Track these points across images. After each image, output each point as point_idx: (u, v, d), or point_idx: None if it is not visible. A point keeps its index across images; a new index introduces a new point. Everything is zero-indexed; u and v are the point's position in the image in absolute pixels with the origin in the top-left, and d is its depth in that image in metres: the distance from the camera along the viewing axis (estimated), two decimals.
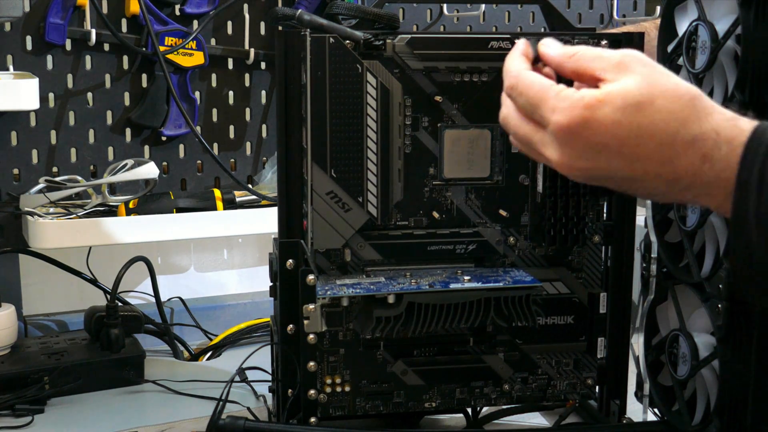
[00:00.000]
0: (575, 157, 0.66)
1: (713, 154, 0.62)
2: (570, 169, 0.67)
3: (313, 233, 0.84)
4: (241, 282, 1.39)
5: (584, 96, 0.64)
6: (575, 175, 0.67)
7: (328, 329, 0.87)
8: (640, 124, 0.63)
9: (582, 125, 0.64)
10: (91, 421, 0.98)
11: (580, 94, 0.64)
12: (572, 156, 0.66)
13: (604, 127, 0.64)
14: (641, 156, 0.63)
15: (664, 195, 0.67)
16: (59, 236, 1.10)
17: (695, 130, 0.62)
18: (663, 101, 0.63)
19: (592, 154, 0.65)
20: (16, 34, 1.15)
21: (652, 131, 0.63)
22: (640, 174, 0.64)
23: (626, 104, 0.63)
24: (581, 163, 0.66)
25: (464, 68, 0.85)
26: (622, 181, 0.66)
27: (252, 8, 1.27)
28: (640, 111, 0.63)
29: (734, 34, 0.76)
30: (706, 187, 0.63)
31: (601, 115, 0.63)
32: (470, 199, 0.87)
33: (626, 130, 0.63)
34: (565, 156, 0.66)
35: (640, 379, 0.92)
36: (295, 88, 0.84)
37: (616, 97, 0.64)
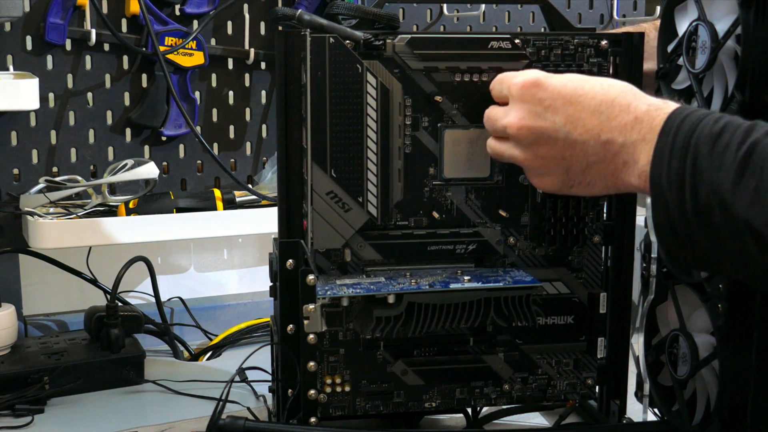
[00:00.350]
0: (526, 113, 0.76)
1: (644, 117, 0.71)
2: (519, 129, 0.76)
3: (313, 233, 0.84)
4: (241, 282, 1.39)
5: (540, 70, 0.78)
6: (524, 137, 0.76)
7: (328, 329, 0.87)
8: (584, 87, 0.74)
9: (534, 84, 0.75)
10: (91, 421, 0.98)
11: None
12: (523, 113, 0.76)
13: (552, 88, 0.75)
14: (583, 114, 0.73)
15: (597, 165, 0.73)
16: (59, 236, 1.10)
17: (630, 99, 0.72)
18: (604, 79, 0.76)
19: (541, 110, 0.75)
20: (16, 34, 1.15)
21: (593, 94, 0.73)
22: (580, 132, 0.73)
23: (573, 76, 0.76)
24: (530, 120, 0.75)
25: (464, 68, 0.85)
26: (563, 146, 0.74)
27: (252, 8, 1.27)
28: (585, 81, 0.75)
29: (734, 34, 0.76)
30: (633, 148, 0.71)
31: (553, 80, 0.75)
32: (470, 199, 0.87)
33: (571, 90, 0.74)
34: (518, 114, 0.76)
35: (640, 379, 0.92)
36: (295, 88, 0.84)
37: (565, 74, 0.77)
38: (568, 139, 0.74)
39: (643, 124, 0.70)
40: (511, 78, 0.78)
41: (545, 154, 0.76)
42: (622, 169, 0.72)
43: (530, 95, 0.76)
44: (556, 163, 0.76)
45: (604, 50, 0.86)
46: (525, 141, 0.76)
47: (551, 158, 0.76)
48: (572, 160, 0.75)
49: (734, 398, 0.79)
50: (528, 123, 0.76)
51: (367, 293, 0.81)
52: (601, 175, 0.74)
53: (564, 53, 0.86)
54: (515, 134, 0.77)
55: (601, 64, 0.86)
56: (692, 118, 0.68)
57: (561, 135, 0.74)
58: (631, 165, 0.71)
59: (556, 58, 0.86)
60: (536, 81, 0.76)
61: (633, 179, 0.72)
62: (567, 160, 0.75)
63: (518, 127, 0.76)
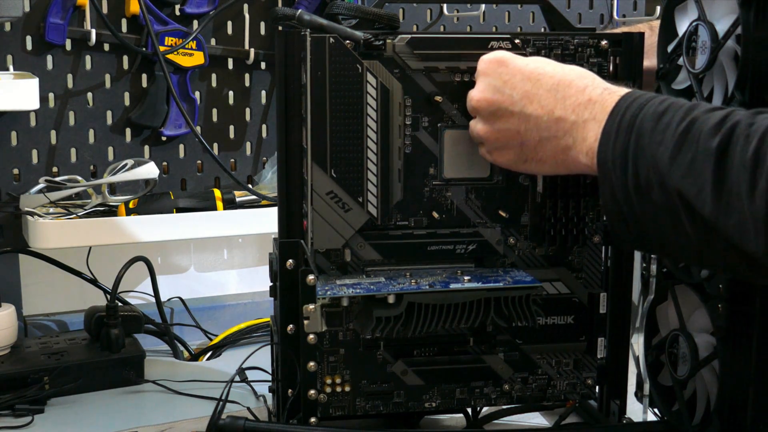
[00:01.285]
0: (486, 86, 0.79)
1: (597, 99, 0.73)
2: (479, 102, 0.79)
3: (313, 233, 0.84)
4: (241, 282, 1.39)
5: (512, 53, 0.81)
6: (483, 108, 0.79)
7: (328, 329, 0.87)
8: (545, 68, 0.78)
9: (499, 61, 0.79)
10: (91, 421, 0.98)
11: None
12: (484, 86, 0.80)
13: (514, 65, 0.79)
14: (540, 91, 0.76)
15: (549, 141, 0.76)
16: (59, 236, 1.10)
17: (588, 82, 0.75)
18: (568, 66, 0.78)
19: (500, 84, 0.78)
20: (16, 34, 1.15)
21: (552, 74, 0.77)
22: (535, 107, 0.76)
23: (538, 59, 0.80)
24: (490, 93, 0.79)
25: (464, 68, 0.85)
26: (518, 119, 0.77)
27: (252, 8, 1.27)
28: (549, 63, 0.78)
29: (734, 34, 0.76)
30: (584, 126, 0.73)
31: (517, 59, 0.79)
32: (470, 199, 0.87)
33: (532, 69, 0.78)
34: (479, 87, 0.80)
35: (640, 379, 0.92)
36: (295, 88, 0.84)
37: (533, 56, 0.81)
38: (522, 113, 0.77)
39: (596, 105, 0.73)
40: (483, 56, 0.81)
41: (501, 127, 0.79)
42: (572, 147, 0.75)
43: (493, 70, 0.79)
44: (512, 137, 0.78)
45: (604, 50, 0.86)
46: (484, 113, 0.80)
47: (507, 131, 0.78)
48: (526, 135, 0.77)
49: (734, 398, 0.79)
50: (487, 95, 0.79)
51: (367, 293, 0.81)
52: (552, 151, 0.77)
53: (564, 53, 0.86)
54: (476, 106, 0.80)
55: (601, 64, 0.86)
56: (640, 100, 0.71)
57: (517, 108, 0.77)
58: (581, 143, 0.74)
59: (556, 58, 0.85)
60: (501, 59, 0.79)
61: (581, 157, 0.74)
62: (521, 135, 0.78)
63: (478, 99, 0.80)
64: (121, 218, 1.14)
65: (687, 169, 0.64)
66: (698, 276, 0.82)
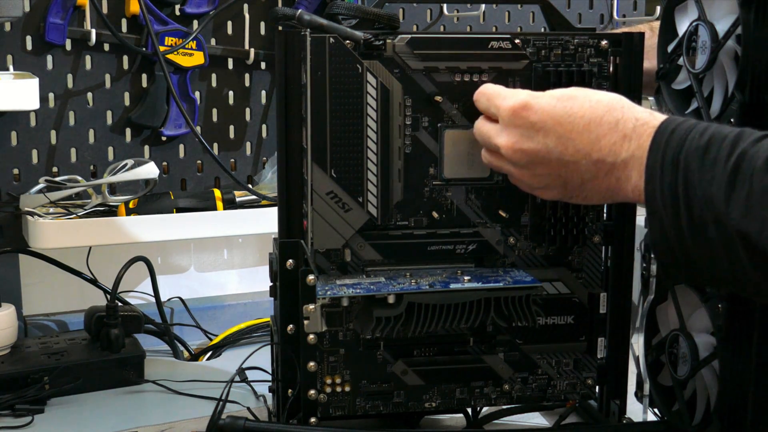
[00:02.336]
0: (518, 137, 0.76)
1: (632, 135, 0.72)
2: (514, 152, 0.77)
3: (313, 233, 0.84)
4: (241, 282, 1.39)
5: (528, 90, 0.79)
6: (518, 158, 0.77)
7: (328, 329, 0.87)
8: (572, 107, 0.75)
9: (524, 106, 0.76)
10: (91, 421, 0.98)
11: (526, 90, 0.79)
12: (516, 136, 0.77)
13: (542, 109, 0.75)
14: (572, 134, 0.74)
15: (592, 182, 0.75)
16: (59, 236, 1.10)
17: (618, 115, 0.73)
18: (592, 94, 0.76)
19: (532, 133, 0.76)
20: (16, 34, 1.15)
21: (581, 113, 0.74)
22: (572, 153, 0.74)
23: (561, 95, 0.76)
24: (523, 143, 0.76)
25: (464, 68, 0.85)
26: (557, 165, 0.75)
27: (252, 8, 1.27)
28: (572, 99, 0.75)
29: (734, 34, 0.76)
30: (624, 166, 0.72)
31: (541, 101, 0.76)
32: (470, 199, 0.87)
33: (560, 111, 0.75)
34: (510, 138, 0.77)
35: (640, 379, 0.92)
36: (295, 88, 0.84)
37: (553, 92, 0.77)
38: (561, 159, 0.75)
39: (632, 141, 0.72)
40: (501, 100, 0.78)
41: (542, 172, 0.77)
42: (615, 185, 0.74)
43: (521, 118, 0.76)
44: (553, 180, 0.77)
45: (604, 50, 0.86)
46: (520, 162, 0.77)
47: (548, 176, 0.77)
48: (568, 177, 0.76)
49: (734, 398, 0.79)
50: (521, 146, 0.76)
51: (367, 293, 0.81)
52: (596, 190, 0.75)
53: (564, 53, 0.86)
54: (509, 156, 0.78)
55: (601, 64, 0.86)
56: (679, 132, 0.69)
57: (554, 156, 0.75)
58: (624, 181, 0.73)
59: (556, 58, 0.86)
60: (525, 104, 0.76)
61: (628, 193, 0.73)
62: (563, 177, 0.76)
63: (512, 150, 0.77)
64: (121, 218, 1.14)
65: (745, 208, 0.63)
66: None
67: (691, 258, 0.68)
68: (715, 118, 0.79)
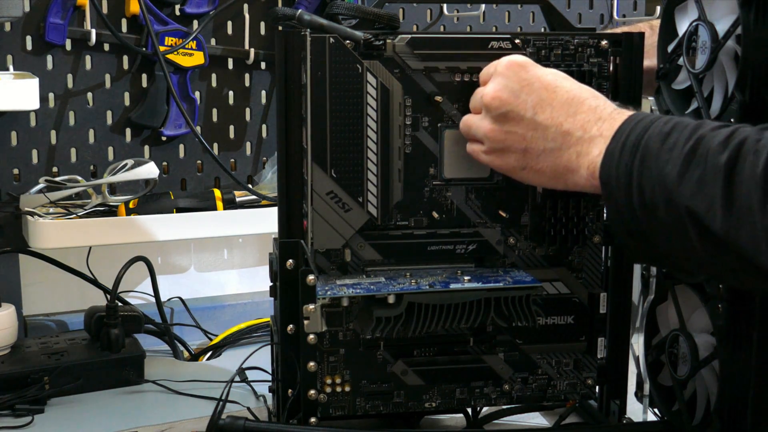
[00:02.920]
0: (503, 87, 0.78)
1: (606, 118, 0.74)
2: (493, 99, 0.78)
3: (313, 233, 0.84)
4: (241, 282, 1.39)
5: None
6: (495, 107, 0.78)
7: (328, 329, 0.87)
8: (563, 82, 0.78)
9: (521, 65, 0.79)
10: (91, 421, 0.98)
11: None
12: (501, 87, 0.79)
13: (534, 72, 0.79)
14: (553, 102, 0.77)
15: (552, 152, 0.76)
16: (59, 236, 1.10)
17: (601, 103, 0.76)
18: (585, 86, 0.79)
19: (517, 88, 0.78)
20: (16, 34, 1.15)
21: (568, 88, 0.77)
22: (545, 117, 0.77)
23: (558, 72, 0.80)
24: (504, 93, 0.78)
25: (464, 68, 0.85)
26: (527, 125, 0.77)
27: (252, 8, 1.27)
28: (567, 79, 0.79)
29: (734, 34, 0.76)
30: (589, 141, 0.74)
31: (537, 67, 0.79)
32: (470, 199, 0.87)
33: (550, 79, 0.78)
34: (496, 87, 0.79)
35: (640, 379, 0.92)
36: (295, 88, 0.84)
37: (550, 69, 0.80)
38: (533, 120, 0.77)
39: (605, 123, 0.74)
40: (501, 60, 0.81)
41: (509, 129, 0.78)
42: (574, 162, 0.75)
43: (513, 72, 0.79)
44: (516, 141, 0.78)
45: (604, 50, 0.86)
46: (494, 112, 0.79)
47: (513, 134, 0.78)
48: (531, 142, 0.78)
49: (734, 398, 0.79)
50: (502, 95, 0.78)
51: (367, 293, 0.81)
52: (552, 163, 0.77)
53: (564, 53, 0.86)
54: (488, 102, 0.79)
55: (601, 63, 0.86)
56: (646, 120, 0.72)
57: (528, 114, 0.77)
58: (583, 157, 0.74)
59: (556, 58, 0.86)
60: (523, 63, 0.79)
61: (582, 171, 0.75)
62: (526, 141, 0.78)
63: (492, 96, 0.79)
64: (121, 218, 1.14)
65: (696, 186, 0.65)
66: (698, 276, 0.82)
67: (646, 238, 0.70)
68: (715, 118, 0.79)
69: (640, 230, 0.70)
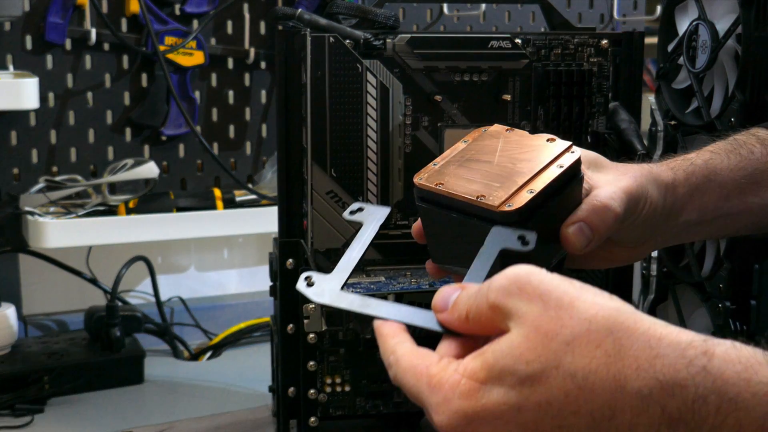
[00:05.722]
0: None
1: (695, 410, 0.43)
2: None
3: (313, 233, 0.84)
4: (241, 282, 1.39)
5: (461, 380, 0.46)
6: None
7: (328, 329, 0.86)
8: (549, 400, 0.44)
9: (468, 423, 0.46)
10: (91, 421, 0.98)
11: (456, 377, 0.47)
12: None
13: (501, 418, 0.45)
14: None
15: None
16: (59, 236, 1.10)
17: (637, 383, 0.43)
18: (571, 357, 0.44)
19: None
20: (16, 33, 1.15)
21: (571, 405, 0.44)
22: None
23: (518, 378, 0.45)
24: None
25: (464, 68, 0.84)
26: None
27: (252, 8, 1.27)
28: (541, 381, 0.44)
29: (735, 34, 0.76)
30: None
31: (490, 403, 0.45)
32: None
33: (533, 413, 0.44)
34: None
35: None
36: (295, 88, 0.84)
37: (500, 371, 0.45)
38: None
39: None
40: (432, 412, 0.48)
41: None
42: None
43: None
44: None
45: (604, 50, 0.86)
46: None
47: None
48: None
49: None
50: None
51: (367, 293, 0.81)
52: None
53: (564, 53, 0.86)
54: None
55: (601, 63, 0.86)
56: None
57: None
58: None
59: (556, 57, 0.85)
60: (467, 420, 0.46)
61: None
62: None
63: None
64: (121, 218, 1.14)
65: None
66: (699, 276, 0.82)
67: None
68: (716, 117, 0.79)
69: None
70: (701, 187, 0.67)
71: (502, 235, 0.57)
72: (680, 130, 0.86)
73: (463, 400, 0.46)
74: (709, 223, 0.69)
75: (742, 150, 0.69)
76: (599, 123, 0.86)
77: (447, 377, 0.47)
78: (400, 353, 0.50)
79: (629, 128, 0.84)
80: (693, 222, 0.68)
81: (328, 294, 0.57)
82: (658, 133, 0.88)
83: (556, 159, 0.62)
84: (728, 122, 0.77)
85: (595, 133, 0.86)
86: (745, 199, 0.69)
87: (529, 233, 0.56)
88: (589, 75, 0.86)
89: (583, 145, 0.86)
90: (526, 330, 0.45)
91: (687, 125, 0.85)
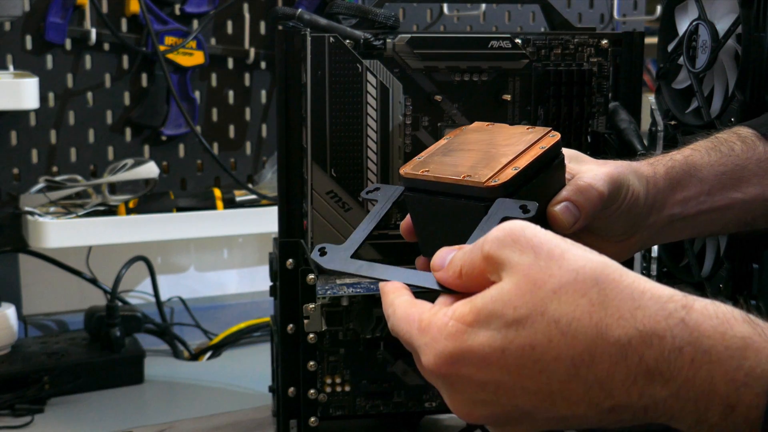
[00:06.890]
0: (469, 403, 0.49)
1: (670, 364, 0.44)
2: (475, 419, 0.49)
3: (313, 233, 0.84)
4: (241, 282, 1.39)
5: (448, 322, 0.48)
6: (488, 424, 0.50)
7: (328, 329, 0.86)
8: (532, 344, 0.45)
9: (452, 363, 0.47)
10: (91, 421, 0.98)
11: (444, 320, 0.48)
12: (465, 403, 0.49)
13: (485, 360, 0.46)
14: (554, 387, 0.45)
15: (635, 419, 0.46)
16: (59, 236, 1.10)
17: (617, 332, 0.44)
18: (557, 304, 0.45)
19: (489, 396, 0.47)
20: (16, 33, 1.15)
21: (553, 350, 0.45)
22: (566, 412, 0.46)
23: (504, 322, 0.46)
24: (481, 409, 0.48)
25: (464, 68, 0.84)
26: (556, 423, 0.48)
27: (252, 8, 1.27)
28: (526, 325, 0.45)
29: (735, 34, 0.76)
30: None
31: (475, 345, 0.46)
32: None
33: (516, 356, 0.46)
34: (458, 404, 0.49)
35: None
36: (295, 88, 0.84)
37: (488, 315, 0.46)
38: (553, 417, 0.48)
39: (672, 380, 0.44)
40: (421, 355, 0.49)
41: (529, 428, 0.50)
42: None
43: (457, 382, 0.49)
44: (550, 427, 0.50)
45: (604, 50, 0.86)
46: (487, 425, 0.51)
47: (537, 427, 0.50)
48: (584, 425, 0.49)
49: None
50: (480, 412, 0.49)
51: (367, 293, 0.81)
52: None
53: (564, 53, 0.86)
54: (471, 421, 0.52)
55: (601, 63, 0.86)
56: None
57: (541, 416, 0.48)
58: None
59: (556, 57, 0.85)
60: (453, 360, 0.47)
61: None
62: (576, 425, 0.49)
63: (468, 415, 0.50)
64: (121, 218, 1.14)
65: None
66: (698, 276, 0.82)
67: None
68: (716, 117, 0.79)
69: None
70: (682, 181, 0.68)
71: (504, 204, 0.58)
72: (680, 130, 0.86)
73: (449, 341, 0.47)
74: (694, 218, 0.69)
75: (723, 147, 0.70)
76: (599, 123, 0.86)
77: (436, 320, 0.49)
78: (397, 304, 0.53)
79: (629, 128, 0.84)
80: (677, 216, 0.69)
81: (338, 261, 0.60)
82: (658, 133, 0.88)
83: (537, 142, 0.64)
84: (728, 122, 0.77)
85: (595, 133, 0.86)
86: (727, 194, 0.70)
87: (531, 203, 0.58)
88: (589, 75, 0.86)
89: (584, 145, 0.86)
90: (516, 278, 0.47)
91: (687, 125, 0.85)
